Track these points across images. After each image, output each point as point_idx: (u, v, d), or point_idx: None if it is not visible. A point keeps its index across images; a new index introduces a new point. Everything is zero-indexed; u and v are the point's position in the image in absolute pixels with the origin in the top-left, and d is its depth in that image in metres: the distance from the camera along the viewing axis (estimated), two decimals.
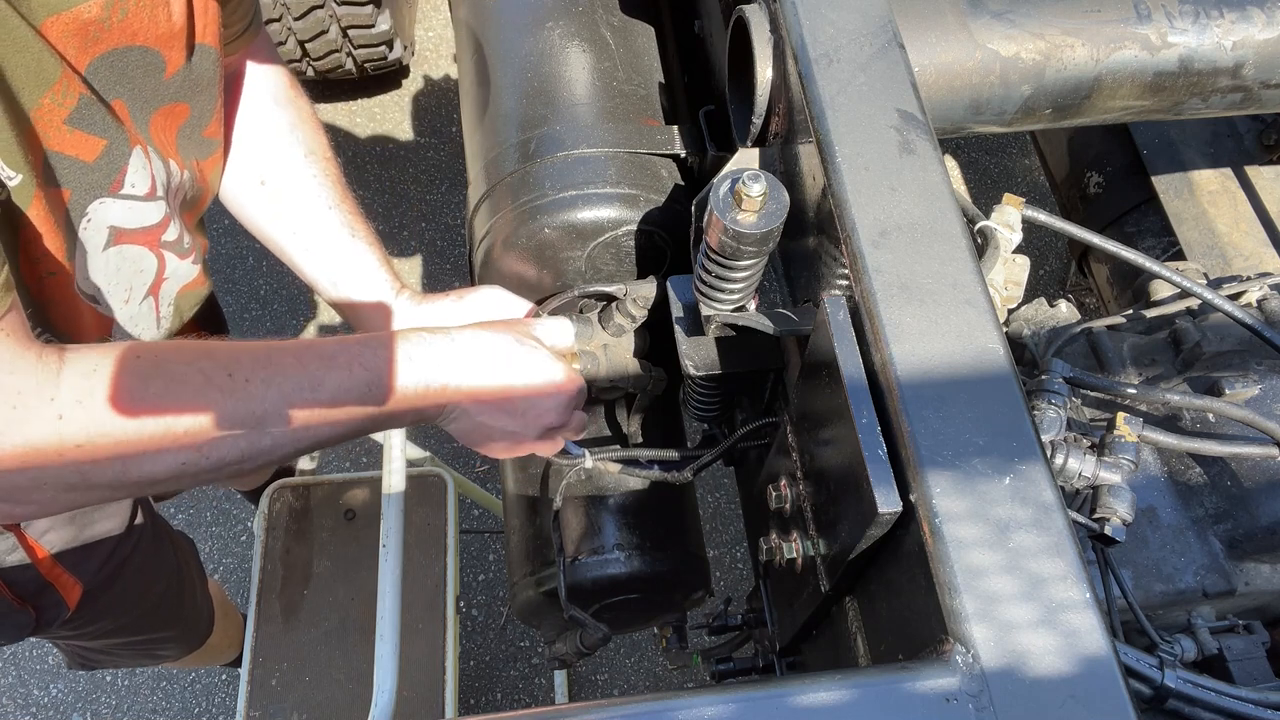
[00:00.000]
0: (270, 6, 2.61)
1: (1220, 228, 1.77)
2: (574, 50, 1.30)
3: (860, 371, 0.75)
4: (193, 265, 1.13)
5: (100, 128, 0.87)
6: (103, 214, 0.92)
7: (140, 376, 0.79)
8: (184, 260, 1.10)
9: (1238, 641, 1.08)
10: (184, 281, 1.13)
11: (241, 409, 0.83)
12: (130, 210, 0.96)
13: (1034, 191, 3.21)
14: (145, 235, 1.00)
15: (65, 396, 0.74)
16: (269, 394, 0.85)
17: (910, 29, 1.13)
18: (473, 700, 2.46)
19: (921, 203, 0.82)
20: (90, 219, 0.91)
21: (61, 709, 2.47)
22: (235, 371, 0.84)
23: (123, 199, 0.93)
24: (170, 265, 1.08)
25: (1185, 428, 1.20)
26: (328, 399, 0.89)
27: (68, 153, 0.85)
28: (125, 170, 0.92)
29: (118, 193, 0.92)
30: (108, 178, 0.90)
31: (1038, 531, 0.66)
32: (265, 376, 0.85)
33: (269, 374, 0.86)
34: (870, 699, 0.62)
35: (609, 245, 1.20)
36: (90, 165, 0.88)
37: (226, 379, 0.83)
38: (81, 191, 0.88)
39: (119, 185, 0.92)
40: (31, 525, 1.25)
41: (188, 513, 2.72)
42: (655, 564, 1.28)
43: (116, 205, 0.93)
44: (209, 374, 0.82)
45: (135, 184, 0.95)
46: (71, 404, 0.74)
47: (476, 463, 2.75)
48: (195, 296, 1.18)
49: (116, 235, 0.96)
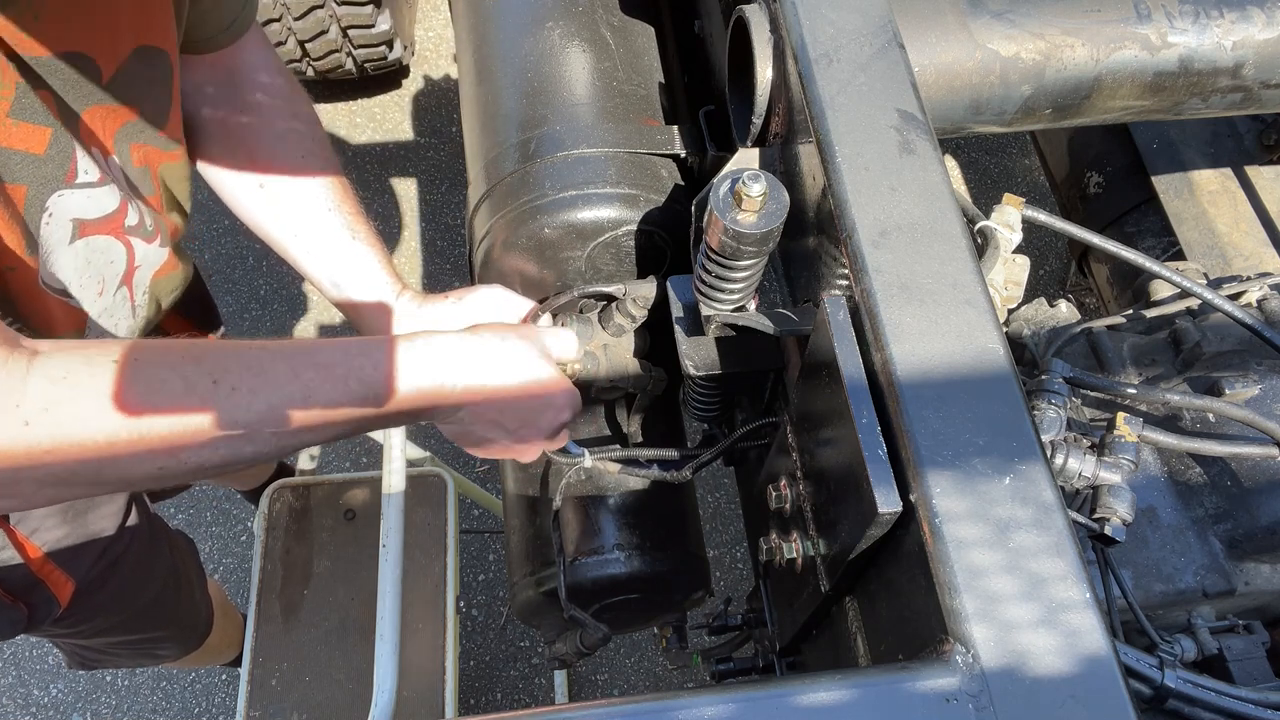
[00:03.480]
0: (270, 6, 2.61)
1: (1220, 228, 1.77)
2: (574, 50, 1.30)
3: (860, 371, 0.75)
4: (161, 248, 1.10)
5: (43, 116, 0.84)
6: (63, 206, 0.90)
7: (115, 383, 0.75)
8: (151, 244, 1.08)
9: (1238, 641, 1.08)
10: (156, 267, 1.11)
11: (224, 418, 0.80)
12: (89, 199, 0.93)
13: (1034, 191, 3.21)
14: (108, 223, 0.98)
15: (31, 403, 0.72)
16: (255, 404, 0.82)
17: (910, 29, 1.13)
18: (473, 700, 2.46)
19: (921, 203, 0.82)
20: (51, 213, 0.89)
21: (61, 709, 2.47)
22: (221, 379, 0.81)
23: (79, 188, 0.91)
24: (139, 252, 1.06)
25: (1185, 428, 1.20)
26: (319, 410, 0.86)
27: (17, 147, 0.82)
28: (75, 157, 0.90)
29: (73, 182, 0.90)
30: (61, 168, 0.88)
31: (1038, 531, 0.66)
32: (253, 386, 0.82)
33: (257, 383, 0.83)
34: (870, 699, 0.62)
35: (609, 245, 1.20)
36: (42, 158, 0.85)
37: (211, 386, 0.80)
38: (39, 186, 0.86)
39: (73, 174, 0.90)
40: (23, 522, 1.25)
41: (188, 513, 2.72)
42: (655, 564, 1.28)
43: (75, 195, 0.91)
44: (192, 381, 0.79)
45: (87, 170, 0.92)
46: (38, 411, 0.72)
47: (476, 463, 2.75)
48: (171, 282, 1.16)
49: (81, 227, 0.94)
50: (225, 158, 1.20)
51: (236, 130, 1.19)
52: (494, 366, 1.00)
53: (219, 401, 0.80)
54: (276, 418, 0.84)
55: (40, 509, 1.26)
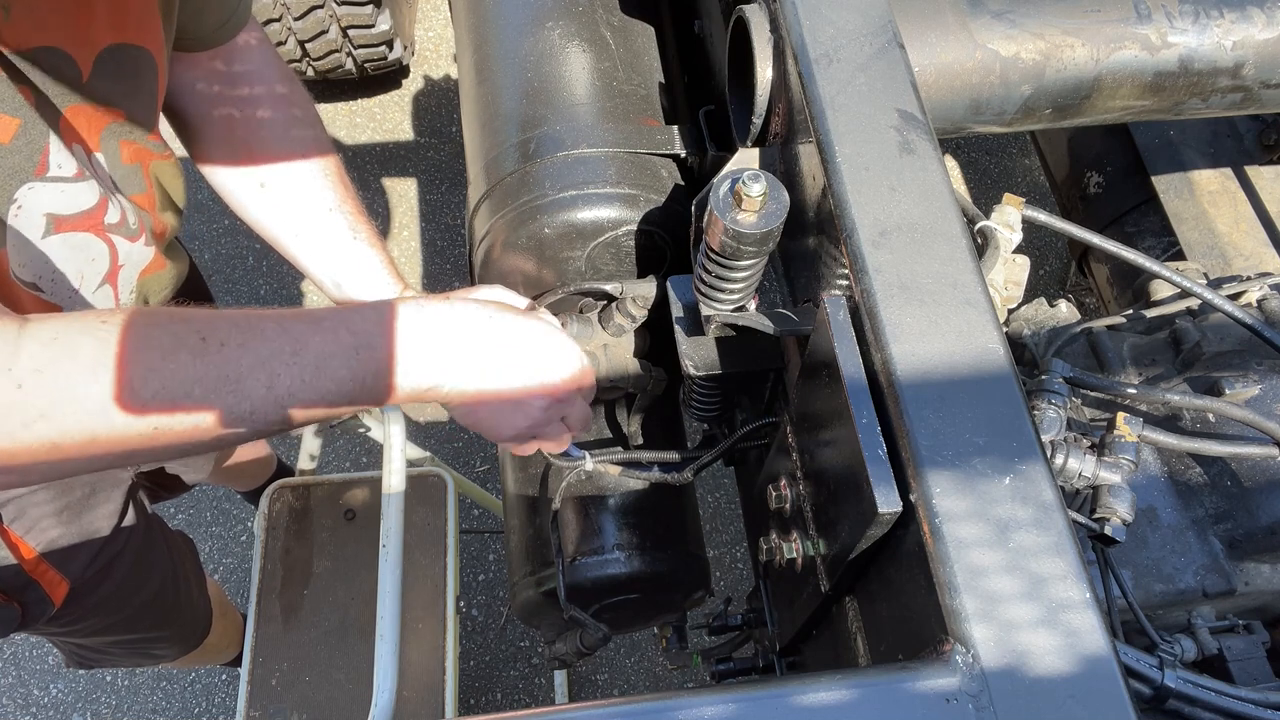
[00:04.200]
0: (270, 6, 2.61)
1: (1220, 228, 1.77)
2: (574, 50, 1.30)
3: (860, 371, 0.75)
4: (145, 247, 1.09)
5: (11, 107, 0.83)
6: (34, 200, 0.89)
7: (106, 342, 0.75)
8: (134, 242, 1.07)
9: (1238, 641, 1.09)
10: (141, 265, 1.10)
11: (214, 372, 0.79)
12: (63, 194, 0.92)
13: (1034, 191, 3.21)
14: (86, 220, 0.97)
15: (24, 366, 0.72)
16: (244, 358, 0.80)
17: (910, 29, 1.13)
18: (473, 700, 2.47)
19: (921, 203, 0.82)
20: (20, 205, 0.88)
21: (61, 709, 2.47)
22: (209, 335, 0.80)
23: (51, 182, 0.90)
24: (122, 250, 1.04)
25: (1185, 428, 1.20)
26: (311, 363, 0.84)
27: None
28: (48, 150, 0.89)
29: (44, 176, 0.89)
30: (30, 160, 0.87)
31: (1038, 531, 0.66)
32: (241, 341, 0.81)
33: (245, 338, 0.81)
34: (870, 699, 0.62)
35: (609, 245, 1.20)
36: (6, 147, 0.84)
37: (199, 342, 0.79)
38: (4, 176, 0.85)
39: (43, 168, 0.89)
40: (18, 522, 1.24)
41: (188, 513, 2.72)
42: (655, 564, 1.27)
43: (47, 189, 0.90)
44: (181, 336, 0.79)
45: (61, 164, 0.91)
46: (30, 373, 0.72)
47: (476, 463, 2.75)
48: (160, 281, 1.15)
49: (56, 223, 0.93)
50: (226, 157, 1.19)
51: (237, 129, 1.19)
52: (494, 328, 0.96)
53: (207, 354, 0.79)
54: (268, 371, 0.82)
55: (36, 509, 1.26)
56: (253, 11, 1.19)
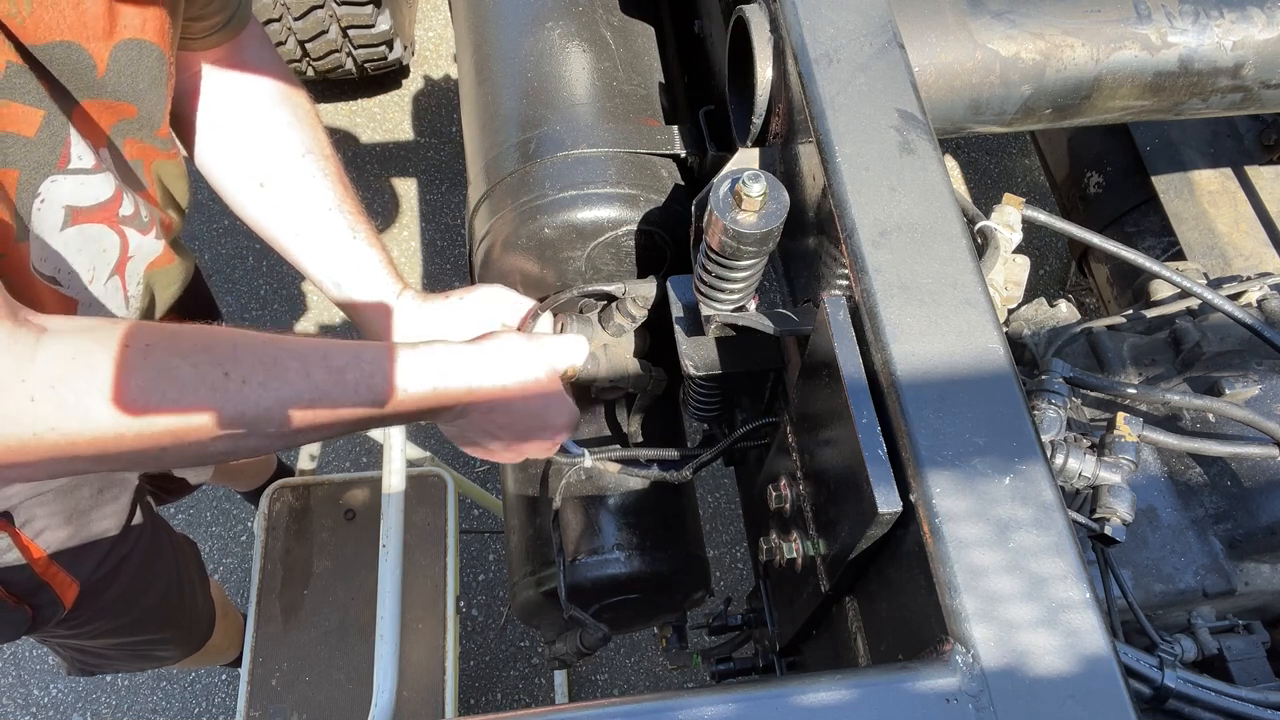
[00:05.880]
0: (270, 6, 2.61)
1: (1220, 228, 1.77)
2: (574, 50, 1.30)
3: (860, 371, 0.75)
4: (156, 240, 1.10)
5: (35, 97, 0.83)
6: (56, 193, 0.90)
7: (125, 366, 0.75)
8: (146, 235, 1.08)
9: (1238, 641, 1.08)
10: (150, 258, 1.11)
11: (232, 411, 0.80)
12: (82, 186, 0.93)
13: (1034, 191, 3.21)
14: (102, 211, 0.98)
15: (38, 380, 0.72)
16: (264, 398, 0.82)
17: (910, 29, 1.13)
18: (473, 700, 2.47)
19: (921, 203, 0.82)
20: (44, 199, 0.89)
21: (62, 709, 2.47)
22: (233, 370, 0.81)
23: (72, 174, 0.91)
24: (133, 242, 1.06)
25: (1185, 428, 1.20)
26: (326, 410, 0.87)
27: (6, 129, 0.82)
28: (69, 142, 0.89)
29: (66, 168, 0.90)
30: (53, 152, 0.88)
31: (1038, 531, 0.66)
32: (264, 380, 0.82)
33: (268, 378, 0.83)
34: (870, 699, 0.62)
35: (609, 245, 1.20)
36: (33, 140, 0.85)
37: (221, 378, 0.80)
38: (30, 170, 0.86)
39: (66, 159, 0.90)
40: (27, 525, 1.24)
41: (188, 513, 2.72)
42: (655, 564, 1.28)
43: (68, 181, 0.91)
44: (203, 371, 0.79)
45: (81, 156, 0.92)
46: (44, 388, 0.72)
47: (476, 463, 2.75)
48: (168, 275, 1.16)
49: (74, 215, 0.93)
50: (225, 156, 1.19)
51: (237, 128, 1.19)
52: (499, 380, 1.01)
53: (228, 392, 0.80)
54: (283, 414, 0.84)
55: (45, 510, 1.26)
56: (253, 11, 1.19)
